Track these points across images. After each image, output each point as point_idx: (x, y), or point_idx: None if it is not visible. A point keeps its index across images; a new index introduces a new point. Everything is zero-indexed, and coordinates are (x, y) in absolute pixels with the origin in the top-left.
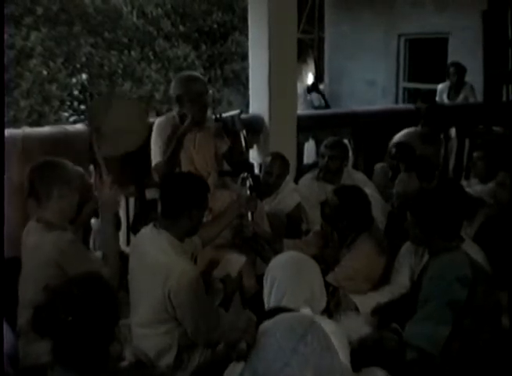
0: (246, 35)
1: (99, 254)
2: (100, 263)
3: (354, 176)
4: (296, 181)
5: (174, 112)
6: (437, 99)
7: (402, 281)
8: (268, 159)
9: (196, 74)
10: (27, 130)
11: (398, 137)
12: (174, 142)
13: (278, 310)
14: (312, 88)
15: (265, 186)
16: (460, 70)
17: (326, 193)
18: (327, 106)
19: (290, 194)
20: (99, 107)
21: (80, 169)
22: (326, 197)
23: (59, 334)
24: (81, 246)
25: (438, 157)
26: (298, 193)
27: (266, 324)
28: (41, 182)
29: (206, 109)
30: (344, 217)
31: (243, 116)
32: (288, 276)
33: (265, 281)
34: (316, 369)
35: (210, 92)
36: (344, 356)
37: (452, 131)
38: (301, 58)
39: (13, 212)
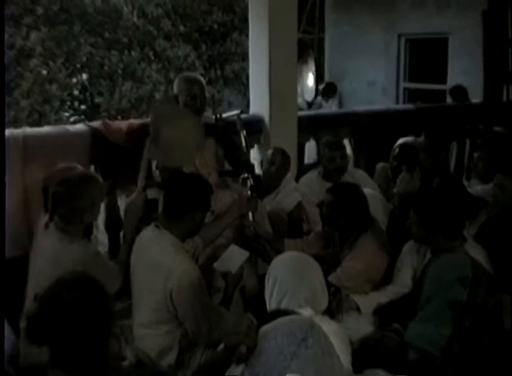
0: (247, 35)
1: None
2: (115, 272)
3: (355, 174)
4: (297, 181)
5: None
6: None
7: (403, 281)
8: (270, 152)
9: (197, 76)
10: (28, 130)
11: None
12: None
13: (279, 313)
14: (328, 91)
15: (267, 178)
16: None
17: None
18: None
19: (291, 193)
20: (161, 114)
21: (76, 166)
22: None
23: (54, 341)
24: (102, 257)
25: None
26: (299, 193)
27: (266, 328)
28: (69, 206)
29: (199, 111)
30: (340, 215)
31: (244, 116)
32: (289, 275)
33: (266, 281)
34: (317, 373)
35: (207, 94)
36: (345, 356)
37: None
38: (302, 58)
39: (14, 212)
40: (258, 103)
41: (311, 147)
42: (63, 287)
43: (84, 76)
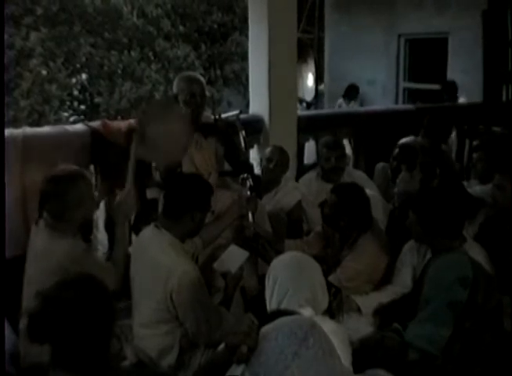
0: (247, 35)
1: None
2: (109, 270)
3: (354, 175)
4: (296, 181)
5: None
6: None
7: (404, 281)
8: (268, 150)
9: (196, 75)
10: (27, 130)
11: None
12: None
13: (279, 313)
14: (350, 93)
15: (266, 175)
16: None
17: (325, 193)
18: None
19: (291, 192)
20: (149, 113)
21: (82, 170)
22: (326, 197)
23: (55, 340)
24: (94, 254)
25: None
26: (299, 192)
27: (267, 328)
28: (56, 203)
29: (199, 110)
30: (343, 215)
31: (243, 116)
32: (290, 276)
33: (266, 281)
34: (318, 373)
35: (208, 93)
36: (345, 356)
37: (452, 132)
38: (301, 58)
39: (14, 212)
40: (258, 103)
41: (310, 147)
42: (66, 286)
43: (84, 76)
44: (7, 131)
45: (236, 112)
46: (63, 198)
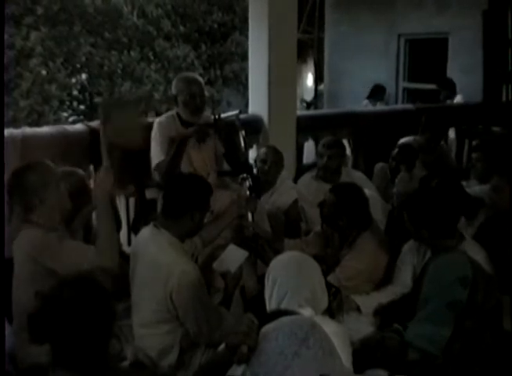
0: (247, 35)
1: None
2: (90, 253)
3: (353, 176)
4: (295, 181)
5: (174, 112)
6: None
7: (404, 281)
8: (262, 150)
9: (195, 75)
10: (27, 130)
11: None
12: (175, 148)
13: (279, 313)
14: (376, 94)
15: (261, 176)
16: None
17: (324, 193)
18: None
19: (288, 191)
20: (109, 105)
21: (75, 170)
22: (324, 197)
23: (55, 340)
24: (57, 239)
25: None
26: (297, 192)
27: (267, 328)
28: (17, 192)
29: (199, 111)
30: (342, 214)
31: (243, 116)
32: (289, 276)
33: (266, 281)
34: (318, 373)
35: (207, 93)
36: (346, 357)
37: (452, 132)
38: (301, 58)
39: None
40: (257, 103)
41: (309, 147)
42: (65, 286)
43: (84, 76)
44: (6, 132)
45: (235, 112)
46: (23, 187)
